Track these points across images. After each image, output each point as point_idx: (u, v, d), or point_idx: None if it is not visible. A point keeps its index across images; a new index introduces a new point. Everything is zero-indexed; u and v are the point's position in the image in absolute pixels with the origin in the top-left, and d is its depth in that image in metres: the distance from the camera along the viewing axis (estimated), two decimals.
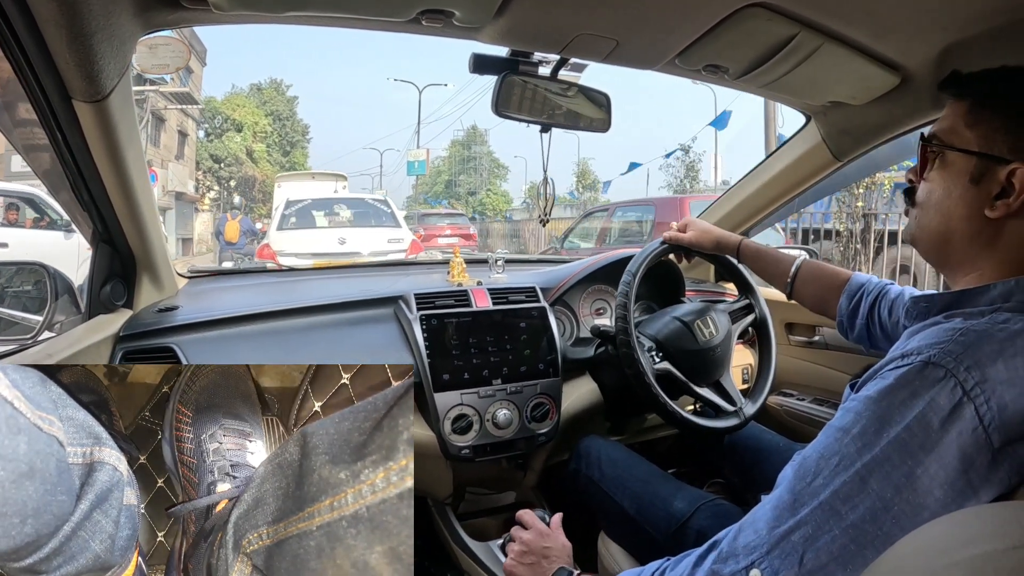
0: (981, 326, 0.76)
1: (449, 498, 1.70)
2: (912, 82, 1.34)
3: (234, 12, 1.08)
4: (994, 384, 0.69)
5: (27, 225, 8.54)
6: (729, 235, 1.57)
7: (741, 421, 1.50)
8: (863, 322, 1.31)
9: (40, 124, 1.12)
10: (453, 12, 1.09)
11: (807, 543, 0.71)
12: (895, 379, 0.74)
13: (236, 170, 32.50)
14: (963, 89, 0.87)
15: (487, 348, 1.60)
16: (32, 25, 0.94)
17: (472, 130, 44.43)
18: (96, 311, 1.45)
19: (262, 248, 8.97)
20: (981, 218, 0.82)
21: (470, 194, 43.00)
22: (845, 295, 1.36)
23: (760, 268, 1.53)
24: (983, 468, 0.68)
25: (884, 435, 0.71)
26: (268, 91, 39.77)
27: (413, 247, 9.02)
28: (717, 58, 1.29)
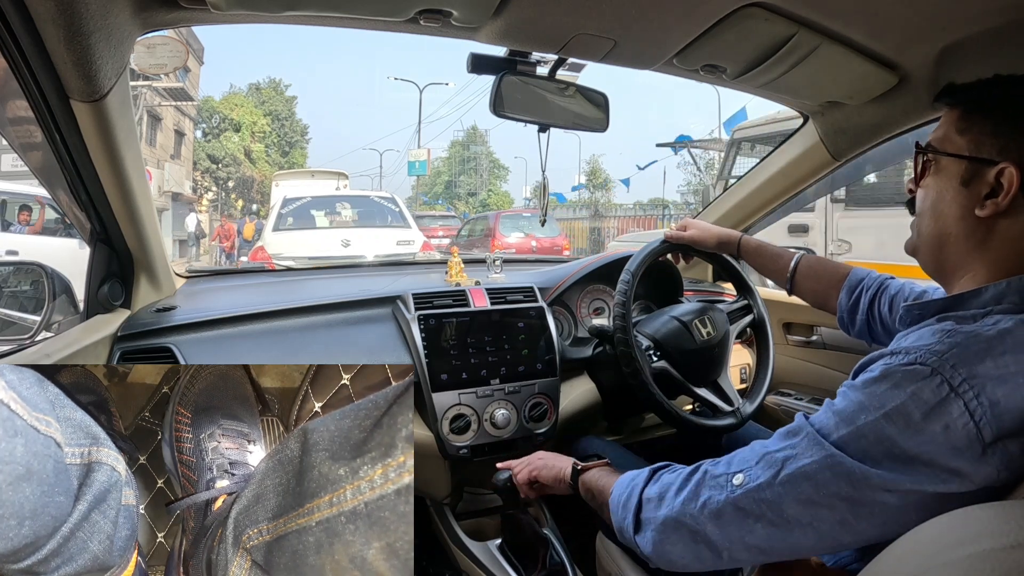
0: (970, 327, 0.77)
1: (447, 498, 1.70)
2: (910, 82, 1.34)
3: (232, 12, 1.08)
4: (984, 380, 0.71)
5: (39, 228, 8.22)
6: (730, 232, 1.57)
7: (738, 420, 1.50)
8: (863, 317, 1.32)
9: (37, 123, 1.12)
10: (451, 12, 1.09)
11: (787, 460, 0.79)
12: (880, 372, 0.77)
13: (234, 170, 32.29)
14: (955, 98, 0.89)
15: (485, 348, 1.60)
16: (30, 24, 0.94)
17: (472, 130, 44.30)
18: (94, 311, 1.45)
19: (256, 251, 8.11)
20: (972, 218, 0.84)
21: (470, 195, 42.84)
22: (845, 290, 1.36)
23: (760, 264, 1.53)
24: (973, 459, 0.70)
25: (861, 417, 0.75)
26: (267, 91, 39.40)
27: (425, 249, 8.18)
28: (715, 58, 1.29)
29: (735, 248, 1.55)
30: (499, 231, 14.16)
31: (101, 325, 1.41)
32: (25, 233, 7.90)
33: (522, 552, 1.48)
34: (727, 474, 0.84)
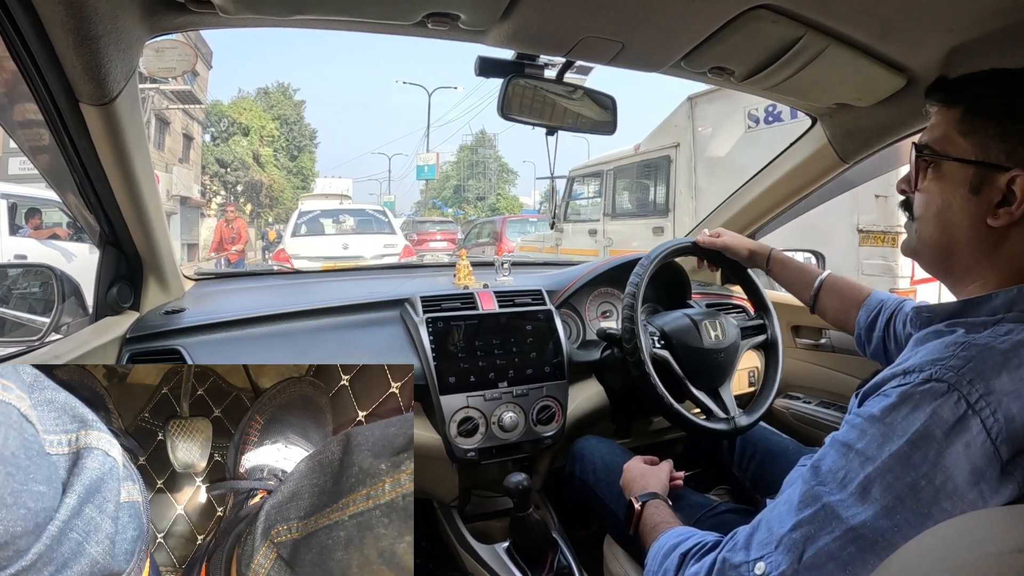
0: (983, 339, 0.75)
1: (455, 500, 1.70)
2: (918, 84, 1.33)
3: (240, 16, 1.08)
4: (1000, 396, 0.69)
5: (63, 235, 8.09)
6: (760, 244, 1.57)
7: (731, 429, 1.47)
8: (880, 335, 1.30)
9: (47, 127, 1.12)
10: (459, 15, 1.10)
11: (807, 541, 0.73)
12: (897, 396, 0.74)
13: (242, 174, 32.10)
14: (953, 96, 0.86)
15: (493, 351, 1.60)
16: (39, 28, 0.94)
17: (481, 134, 44.21)
18: (103, 313, 1.46)
19: (278, 252, 10.60)
20: (983, 227, 0.81)
21: (479, 199, 42.68)
22: (864, 309, 1.36)
23: (787, 278, 1.53)
24: (993, 480, 0.68)
25: (886, 448, 0.72)
26: (275, 95, 39.06)
27: (405, 251, 10.54)
28: (723, 60, 1.29)
29: (765, 261, 1.54)
30: (506, 236, 14.32)
31: (110, 327, 1.41)
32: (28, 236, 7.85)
33: (529, 555, 1.48)
34: (747, 563, 0.78)
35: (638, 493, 1.21)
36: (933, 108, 0.89)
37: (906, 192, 0.93)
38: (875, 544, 0.69)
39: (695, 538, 0.94)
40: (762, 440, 1.56)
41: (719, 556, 0.82)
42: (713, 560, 0.83)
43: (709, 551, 0.87)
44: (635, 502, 1.18)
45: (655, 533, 1.05)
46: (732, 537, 0.84)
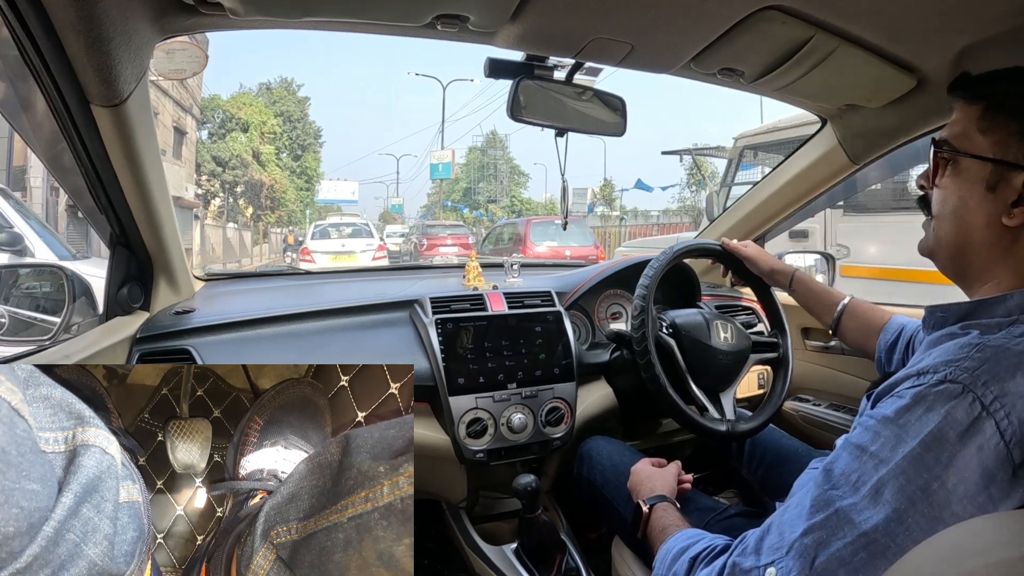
0: (998, 340, 0.75)
1: (463, 501, 1.69)
2: (928, 84, 1.33)
3: (250, 17, 1.09)
4: (1014, 398, 0.69)
5: None
6: (785, 264, 1.57)
7: (728, 432, 1.45)
8: (900, 357, 1.29)
9: (58, 128, 1.13)
10: (468, 17, 1.10)
11: (819, 547, 0.73)
12: (911, 398, 0.74)
13: (241, 174, 30.28)
14: (974, 92, 0.85)
15: (502, 352, 1.60)
16: (50, 30, 0.95)
17: (492, 135, 43.58)
18: (113, 313, 1.47)
19: (303, 250, 16.43)
20: (999, 226, 0.81)
21: (490, 202, 41.96)
22: (883, 333, 1.35)
23: (809, 300, 1.53)
24: (1004, 483, 0.68)
25: (899, 450, 0.71)
26: (278, 90, 37.24)
27: (379, 248, 16.38)
28: (732, 61, 1.28)
29: (788, 280, 1.54)
30: (530, 239, 13.15)
31: (120, 327, 1.42)
32: None
33: (537, 557, 1.48)
34: (757, 567, 0.78)
35: (646, 496, 1.21)
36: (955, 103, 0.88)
37: (924, 188, 0.92)
38: (887, 550, 0.69)
39: (704, 541, 0.93)
40: (771, 443, 1.55)
41: (729, 560, 0.82)
42: (723, 564, 0.83)
43: (719, 555, 0.86)
44: (643, 505, 1.17)
45: (663, 536, 1.05)
46: (742, 541, 0.84)
